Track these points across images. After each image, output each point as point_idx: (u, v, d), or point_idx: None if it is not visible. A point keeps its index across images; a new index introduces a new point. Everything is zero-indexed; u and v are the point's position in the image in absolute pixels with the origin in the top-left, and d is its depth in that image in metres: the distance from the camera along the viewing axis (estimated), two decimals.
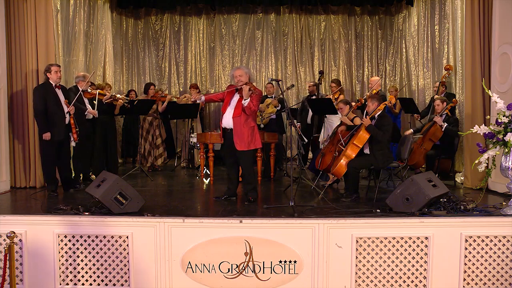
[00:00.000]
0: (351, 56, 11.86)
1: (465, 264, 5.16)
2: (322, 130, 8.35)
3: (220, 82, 11.89)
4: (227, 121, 6.12)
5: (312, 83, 9.85)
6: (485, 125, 5.47)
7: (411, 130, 7.77)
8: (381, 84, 11.20)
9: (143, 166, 9.16)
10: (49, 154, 6.75)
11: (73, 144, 7.05)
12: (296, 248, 5.11)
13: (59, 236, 5.23)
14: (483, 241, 5.15)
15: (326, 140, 7.58)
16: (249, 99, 6.04)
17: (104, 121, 8.33)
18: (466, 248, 5.15)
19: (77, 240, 5.24)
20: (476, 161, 5.45)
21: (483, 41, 7.08)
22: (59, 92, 6.85)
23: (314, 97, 9.18)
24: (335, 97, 8.92)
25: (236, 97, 6.13)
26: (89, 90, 7.72)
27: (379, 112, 6.52)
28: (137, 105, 8.76)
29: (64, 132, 6.81)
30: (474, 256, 5.17)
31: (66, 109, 6.84)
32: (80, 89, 7.50)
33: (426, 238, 5.12)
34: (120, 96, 8.52)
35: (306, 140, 6.65)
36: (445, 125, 7.39)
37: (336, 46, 11.87)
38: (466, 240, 5.13)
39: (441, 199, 5.55)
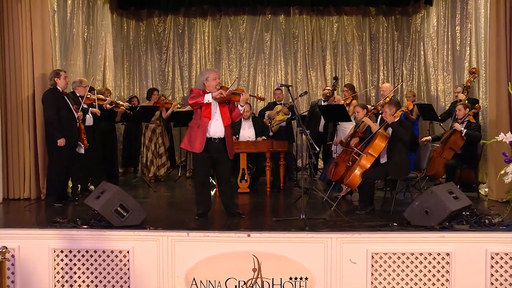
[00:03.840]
0: (365, 59, 11.84)
1: (492, 283, 5.08)
2: (335, 138, 8.32)
3: (236, 81, 11.79)
4: (217, 130, 6.00)
5: (329, 88, 9.81)
6: (511, 133, 5.42)
7: (429, 137, 7.73)
8: (396, 89, 11.15)
9: (145, 176, 9.18)
10: (61, 162, 6.86)
11: (81, 151, 7.16)
12: (307, 263, 5.08)
13: (55, 251, 5.22)
14: (511, 258, 5.08)
15: (337, 143, 7.54)
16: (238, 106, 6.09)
17: (104, 128, 8.35)
18: (492, 266, 5.08)
19: (74, 256, 5.22)
20: (502, 172, 5.41)
21: (509, 42, 7.02)
22: (68, 98, 7.01)
23: (325, 102, 9.17)
24: (347, 102, 8.89)
25: (215, 103, 6.00)
26: (87, 96, 7.74)
27: (396, 119, 6.50)
28: (139, 111, 8.79)
29: (76, 138, 7.01)
30: (501, 275, 5.08)
31: (76, 115, 7.00)
32: (78, 94, 7.54)
33: (448, 254, 5.07)
34: (122, 103, 8.55)
35: (318, 149, 6.63)
36: (465, 131, 7.33)
37: (350, 49, 11.87)
38: (492, 258, 5.07)
39: (464, 212, 5.50)
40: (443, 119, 8.62)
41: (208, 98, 5.87)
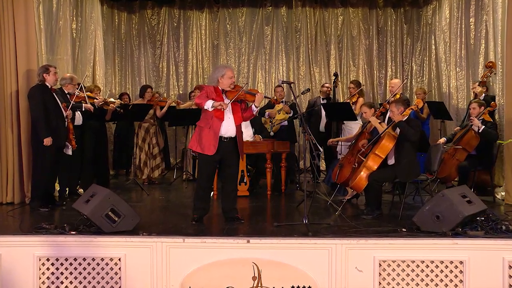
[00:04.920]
0: (372, 54, 11.85)
1: None
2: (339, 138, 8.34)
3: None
4: (229, 129, 6.04)
5: (327, 84, 9.82)
6: None
7: (444, 139, 7.72)
8: (405, 86, 11.15)
9: (138, 179, 9.17)
10: (47, 163, 6.83)
11: (69, 152, 7.14)
12: (311, 271, 5.08)
13: (40, 260, 5.20)
14: None
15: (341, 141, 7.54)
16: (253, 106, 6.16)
17: (94, 127, 8.34)
18: (510, 276, 5.06)
19: (62, 264, 5.21)
20: None
21: None
22: (56, 95, 6.99)
23: (325, 101, 9.16)
24: (353, 100, 8.88)
25: (226, 100, 6.04)
26: (76, 93, 7.71)
27: (404, 118, 6.50)
28: (132, 110, 8.77)
29: (64, 138, 6.99)
30: None
31: (65, 113, 6.99)
32: (66, 92, 7.53)
33: (461, 262, 5.06)
34: (113, 100, 8.52)
35: (321, 150, 6.64)
36: (483, 127, 7.31)
37: (355, 43, 11.87)
38: (510, 267, 5.06)
39: (478, 218, 5.48)
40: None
41: (208, 105, 5.86)
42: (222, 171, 6.22)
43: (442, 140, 7.71)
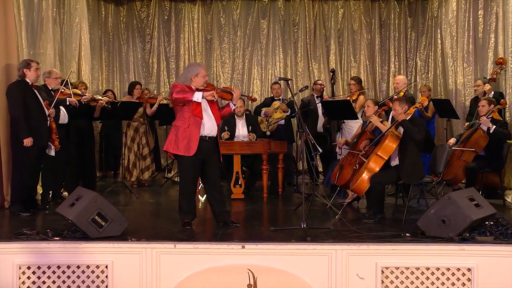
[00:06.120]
0: (375, 49, 11.87)
1: None
2: (340, 138, 8.33)
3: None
4: (213, 128, 6.08)
5: (320, 81, 9.81)
6: None
7: (454, 139, 7.72)
8: (409, 83, 11.16)
9: (127, 181, 9.16)
10: (28, 164, 6.80)
11: (52, 153, 7.10)
12: (309, 278, 5.08)
13: (20, 268, 5.17)
14: None
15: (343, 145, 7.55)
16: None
17: (80, 126, 8.32)
18: None
19: (44, 272, 5.18)
20: None
21: None
22: (37, 92, 6.95)
23: (318, 99, 9.17)
24: (353, 98, 8.87)
25: (205, 100, 6.05)
26: (62, 90, 7.68)
27: (408, 117, 6.50)
28: (120, 108, 8.73)
29: (47, 138, 6.93)
30: None
31: (47, 112, 6.94)
32: (50, 87, 7.48)
33: (469, 270, 5.07)
34: (101, 97, 8.48)
35: (321, 150, 6.65)
36: (494, 127, 7.31)
37: (357, 37, 11.89)
38: None
39: (487, 222, 5.50)
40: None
41: (198, 97, 5.87)
42: (203, 173, 6.19)
43: (452, 140, 7.71)
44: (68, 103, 7.59)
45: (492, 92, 8.13)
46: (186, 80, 6.08)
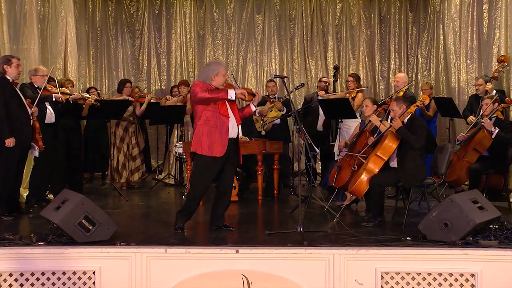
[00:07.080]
0: (374, 46, 11.91)
1: None
2: (338, 138, 8.34)
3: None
4: (235, 129, 6.08)
5: (325, 78, 9.81)
6: None
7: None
8: (410, 81, 11.17)
9: (116, 183, 9.13)
10: (9, 166, 6.75)
11: (35, 154, 7.07)
12: (306, 284, 5.08)
13: (1, 275, 5.13)
14: None
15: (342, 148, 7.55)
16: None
17: (67, 125, 8.27)
18: None
19: (27, 279, 5.14)
20: None
21: None
22: (19, 90, 6.90)
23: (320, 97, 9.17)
24: (352, 96, 8.87)
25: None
26: (48, 88, 7.64)
27: (408, 116, 6.51)
28: (108, 106, 8.69)
29: (30, 138, 6.89)
30: None
31: (29, 110, 6.88)
32: (36, 85, 7.44)
33: (472, 275, 5.07)
34: (89, 96, 8.45)
35: (318, 150, 6.66)
36: (497, 131, 7.33)
37: (355, 33, 11.92)
38: None
39: (491, 226, 5.52)
40: (466, 116, 8.55)
41: (232, 95, 5.92)
42: (220, 176, 6.13)
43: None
44: (54, 99, 7.49)
45: (494, 91, 8.14)
46: (207, 78, 6.05)
